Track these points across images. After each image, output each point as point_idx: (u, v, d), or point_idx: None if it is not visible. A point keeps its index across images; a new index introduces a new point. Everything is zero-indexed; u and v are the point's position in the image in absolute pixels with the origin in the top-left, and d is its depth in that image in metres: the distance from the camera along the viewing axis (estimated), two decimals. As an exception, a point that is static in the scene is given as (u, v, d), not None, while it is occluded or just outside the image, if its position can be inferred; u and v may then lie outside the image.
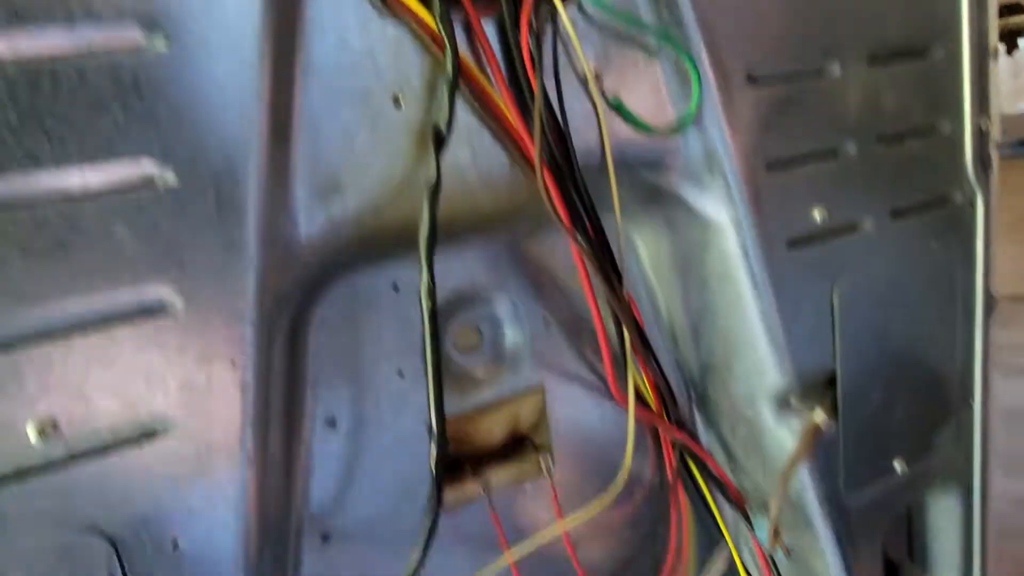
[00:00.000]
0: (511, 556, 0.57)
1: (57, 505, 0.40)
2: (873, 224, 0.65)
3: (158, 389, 0.42)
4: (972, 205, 0.71)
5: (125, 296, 0.41)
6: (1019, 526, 2.12)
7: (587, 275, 0.57)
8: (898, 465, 0.73)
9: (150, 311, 0.42)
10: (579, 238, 0.55)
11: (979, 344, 0.78)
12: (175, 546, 0.43)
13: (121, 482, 0.41)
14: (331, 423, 0.56)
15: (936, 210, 0.69)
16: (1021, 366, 3.17)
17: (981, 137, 0.69)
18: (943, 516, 0.80)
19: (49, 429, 0.39)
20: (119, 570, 0.41)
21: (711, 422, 0.73)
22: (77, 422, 0.40)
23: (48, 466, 0.39)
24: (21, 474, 0.39)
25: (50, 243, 0.38)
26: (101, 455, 0.40)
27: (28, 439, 0.39)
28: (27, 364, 0.39)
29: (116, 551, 0.41)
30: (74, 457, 0.40)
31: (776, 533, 0.68)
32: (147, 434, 0.42)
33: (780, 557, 0.72)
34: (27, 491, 0.39)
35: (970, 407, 0.78)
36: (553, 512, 0.66)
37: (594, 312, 0.58)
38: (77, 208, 0.39)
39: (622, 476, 0.58)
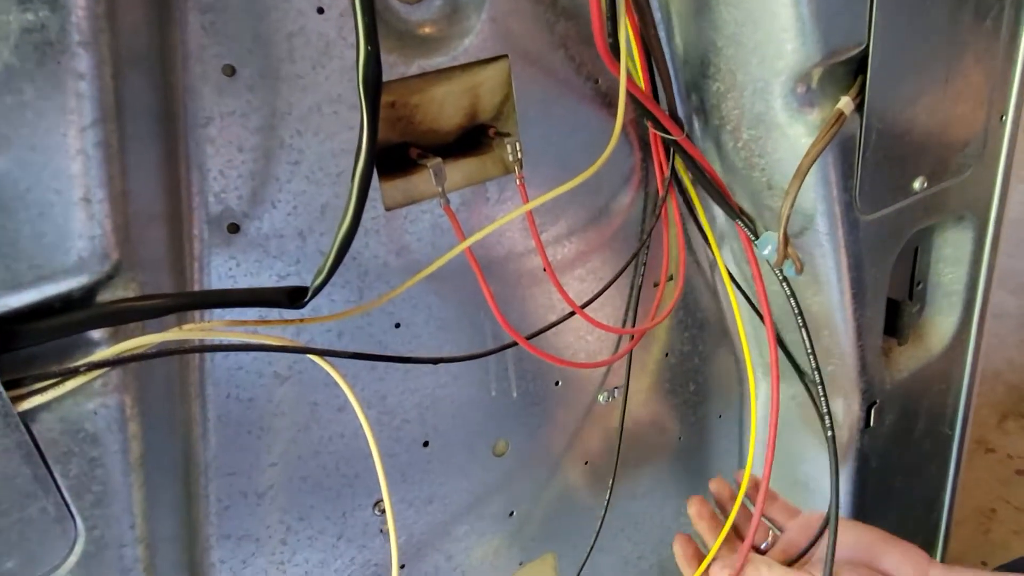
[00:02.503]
0: (468, 243, 0.45)
1: None
2: None
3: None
4: None
5: None
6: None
7: None
8: (918, 184, 0.63)
9: None
10: None
11: (1021, 54, 0.66)
12: None
13: None
14: (229, 71, 0.42)
15: None
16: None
17: None
18: (951, 250, 0.72)
19: None
20: None
21: (711, 129, 0.61)
22: None
23: None
24: None
25: None
26: None
27: None
28: None
29: None
30: None
31: (786, 241, 0.58)
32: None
33: (788, 276, 0.63)
34: None
35: (1002, 124, 0.68)
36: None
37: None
38: None
39: (611, 145, 0.46)
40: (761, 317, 0.64)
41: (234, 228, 0.45)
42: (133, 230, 0.36)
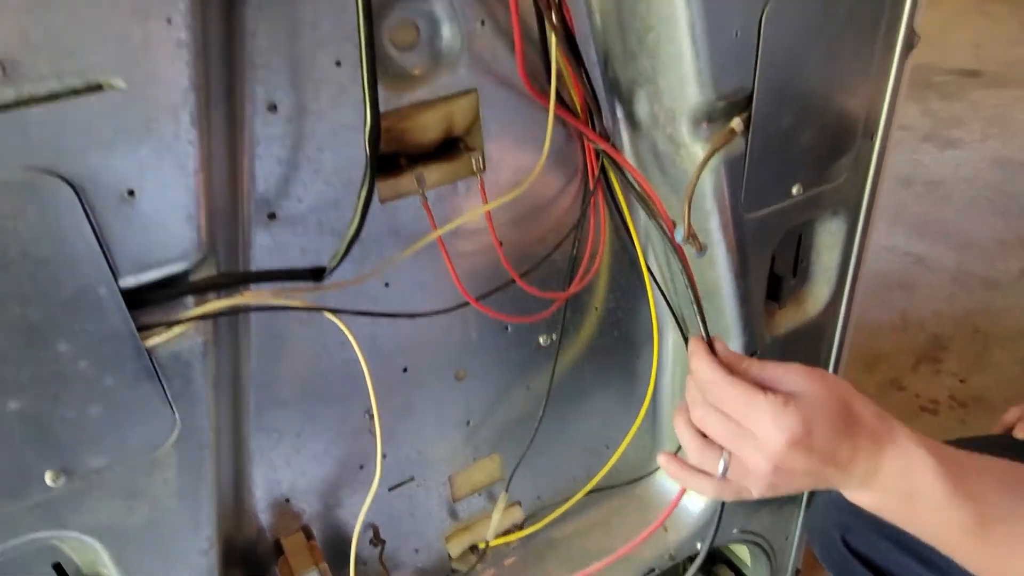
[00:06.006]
0: (438, 233, 0.64)
1: (15, 144, 0.43)
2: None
3: (94, 42, 0.44)
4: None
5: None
6: (910, 280, 2.37)
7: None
8: (796, 189, 0.81)
9: (80, -39, 0.42)
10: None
11: (891, 81, 0.82)
12: (131, 193, 0.47)
13: (74, 129, 0.44)
14: (272, 107, 0.59)
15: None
16: (953, 139, 3.30)
17: None
18: (828, 237, 0.91)
19: (-5, 72, 0.41)
20: (80, 209, 0.46)
21: (634, 142, 0.78)
22: (22, 65, 0.42)
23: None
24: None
25: None
26: (51, 101, 0.43)
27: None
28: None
29: (76, 193, 0.46)
30: (24, 101, 0.43)
31: (690, 228, 0.76)
32: (92, 87, 0.44)
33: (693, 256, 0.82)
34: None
35: (871, 142, 0.85)
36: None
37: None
38: None
39: (540, 164, 0.64)
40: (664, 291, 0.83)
41: (272, 216, 0.63)
42: (214, 227, 0.54)
